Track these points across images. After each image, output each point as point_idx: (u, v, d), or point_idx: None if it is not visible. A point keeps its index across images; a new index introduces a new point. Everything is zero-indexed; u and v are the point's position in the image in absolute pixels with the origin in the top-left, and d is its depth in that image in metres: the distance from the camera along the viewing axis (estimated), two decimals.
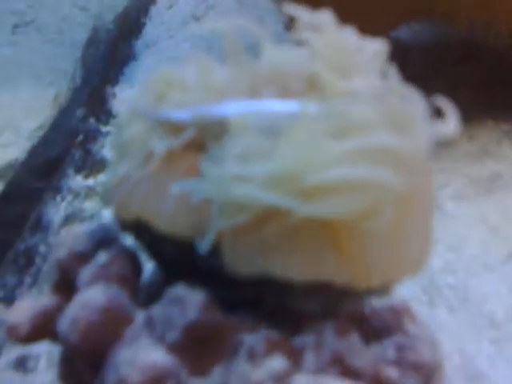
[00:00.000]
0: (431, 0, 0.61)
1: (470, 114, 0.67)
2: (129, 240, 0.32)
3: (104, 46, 0.91)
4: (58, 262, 0.32)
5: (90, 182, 0.61)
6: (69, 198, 0.58)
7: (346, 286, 0.28)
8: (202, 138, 0.28)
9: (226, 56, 0.29)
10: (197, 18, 1.02)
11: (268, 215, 0.26)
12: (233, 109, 0.27)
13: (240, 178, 0.24)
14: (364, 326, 0.31)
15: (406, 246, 0.27)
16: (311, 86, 0.28)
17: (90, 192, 0.60)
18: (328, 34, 0.27)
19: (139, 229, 0.30)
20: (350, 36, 0.28)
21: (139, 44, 0.97)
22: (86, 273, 0.30)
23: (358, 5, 0.60)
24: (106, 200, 0.31)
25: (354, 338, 0.29)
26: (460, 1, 0.60)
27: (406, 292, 0.33)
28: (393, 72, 0.27)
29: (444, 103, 0.26)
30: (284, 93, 0.29)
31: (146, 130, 0.29)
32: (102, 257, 0.31)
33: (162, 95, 0.29)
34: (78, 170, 0.63)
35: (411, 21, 0.69)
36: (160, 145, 0.28)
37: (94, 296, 0.28)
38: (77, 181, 0.61)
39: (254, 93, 0.29)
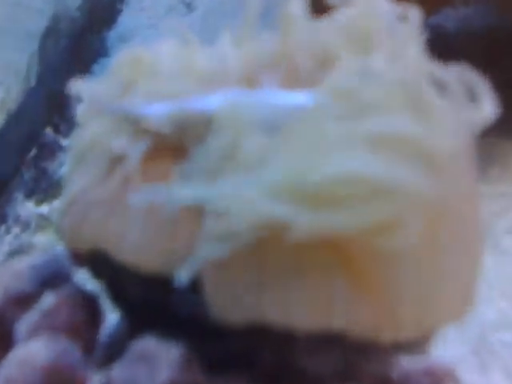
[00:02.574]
0: None
1: None
2: (84, 277, 0.31)
3: (67, 38, 0.92)
4: None
5: (44, 209, 0.61)
6: (16, 229, 0.58)
7: (365, 338, 0.27)
8: (181, 141, 0.28)
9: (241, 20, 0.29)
10: (187, 4, 1.03)
11: (264, 240, 0.25)
12: (221, 101, 0.27)
13: (228, 187, 0.24)
14: None
15: (442, 280, 0.27)
16: (324, 64, 0.28)
17: (42, 222, 0.59)
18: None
19: (97, 261, 0.30)
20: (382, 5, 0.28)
21: (112, 36, 0.98)
22: (26, 321, 0.30)
23: None
24: (58, 225, 0.31)
25: None
26: None
27: (450, 353, 0.33)
28: (422, 52, 0.27)
29: (476, 82, 0.26)
30: (290, 76, 0.28)
31: (108, 131, 0.29)
32: (48, 300, 0.30)
33: (130, 83, 0.29)
34: (28, 194, 0.63)
35: (456, 4, 0.70)
36: (129, 149, 0.28)
37: (35, 351, 0.28)
38: (27, 207, 0.61)
39: (250, 80, 0.29)
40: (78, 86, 0.30)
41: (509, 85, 0.72)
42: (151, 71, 0.29)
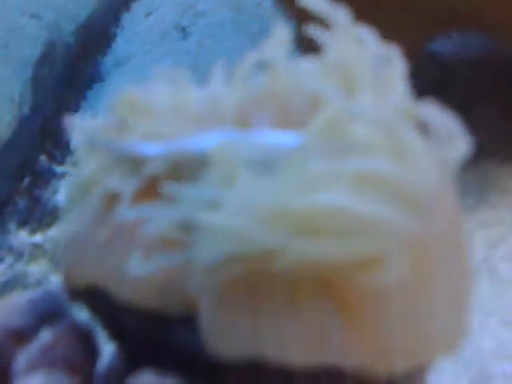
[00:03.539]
0: (478, 6, 0.62)
1: None
2: (81, 313, 0.32)
3: (61, 64, 0.93)
4: None
5: (38, 238, 0.62)
6: (9, 259, 0.59)
7: (360, 373, 0.28)
8: (176, 180, 0.29)
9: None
10: (182, 29, 1.05)
11: (257, 274, 0.26)
12: (214, 141, 0.28)
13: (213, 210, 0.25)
14: None
15: (433, 312, 0.28)
16: (313, 105, 0.29)
17: (36, 251, 0.60)
18: (341, 38, 0.28)
19: (94, 298, 0.30)
20: (368, 41, 0.29)
21: (107, 61, 0.99)
22: (23, 357, 0.31)
23: (385, 11, 0.62)
24: (56, 261, 0.32)
25: None
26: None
27: None
28: (406, 92, 0.29)
29: (450, 120, 0.28)
30: (282, 117, 0.30)
31: (105, 169, 0.30)
32: (46, 336, 0.31)
33: (125, 123, 0.30)
34: (22, 223, 0.64)
35: (452, 31, 0.71)
36: (124, 185, 0.29)
37: None
38: (20, 237, 0.62)
39: (242, 121, 0.30)
40: (74, 123, 0.31)
41: (506, 112, 0.73)
42: (145, 111, 0.30)
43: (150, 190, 0.29)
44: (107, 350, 0.32)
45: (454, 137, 0.28)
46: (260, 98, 0.30)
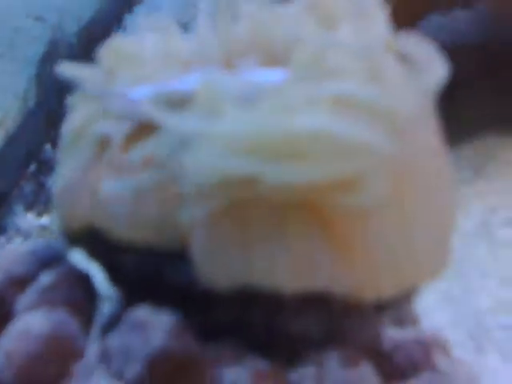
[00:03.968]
0: None
1: None
2: (79, 256, 0.33)
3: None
4: None
5: (44, 220, 0.63)
6: (17, 240, 0.60)
7: (349, 297, 0.29)
8: None
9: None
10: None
11: (245, 202, 0.27)
12: (201, 80, 0.29)
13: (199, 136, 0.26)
14: (382, 361, 0.32)
15: (416, 235, 0.29)
16: (296, 43, 0.30)
17: (43, 232, 0.61)
18: None
19: (91, 240, 0.31)
20: None
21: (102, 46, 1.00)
22: (25, 298, 0.32)
23: None
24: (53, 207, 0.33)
25: (366, 371, 0.30)
26: None
27: (446, 337, 0.34)
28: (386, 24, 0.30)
29: (428, 49, 0.28)
30: (267, 59, 0.31)
31: (96, 114, 0.31)
32: (45, 278, 0.32)
33: (115, 70, 0.31)
34: (28, 207, 0.65)
35: (441, 10, 0.72)
36: (114, 129, 0.30)
37: (34, 322, 0.30)
38: (27, 219, 0.63)
39: (229, 63, 0.31)
40: (70, 70, 0.32)
41: (503, 86, 0.73)
42: (133, 58, 0.31)
43: (139, 134, 0.30)
44: (104, 289, 0.33)
45: (432, 64, 0.29)
46: (245, 42, 0.31)
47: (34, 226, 0.62)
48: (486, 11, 0.80)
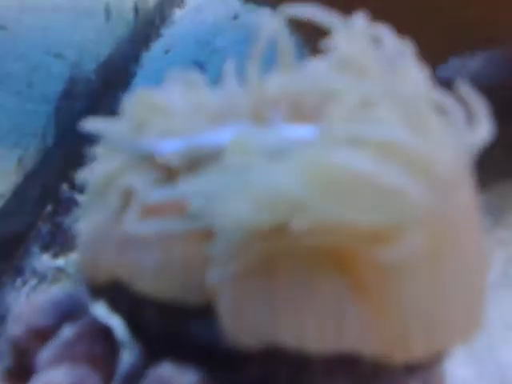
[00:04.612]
0: (493, 25, 0.62)
1: None
2: (102, 310, 0.33)
3: (82, 99, 0.95)
4: (12, 341, 0.33)
5: (60, 262, 0.63)
6: (32, 281, 0.60)
7: (378, 359, 0.28)
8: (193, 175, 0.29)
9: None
10: (198, 65, 1.07)
11: (274, 260, 0.27)
12: (231, 136, 0.28)
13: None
14: None
15: (448, 296, 0.28)
16: (327, 99, 0.29)
17: (58, 274, 0.61)
18: (349, 36, 0.29)
19: (114, 293, 0.31)
20: (383, 37, 0.30)
21: (127, 97, 1.01)
22: (45, 352, 0.31)
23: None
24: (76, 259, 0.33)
25: None
26: None
27: None
28: (423, 78, 0.29)
29: (476, 106, 0.28)
30: (296, 115, 0.30)
31: (123, 167, 0.31)
32: (67, 332, 0.31)
33: (142, 122, 0.31)
34: (44, 248, 0.65)
35: (464, 54, 0.72)
36: (141, 182, 0.29)
37: (56, 379, 0.29)
38: (43, 261, 0.63)
39: (257, 116, 0.30)
40: (94, 125, 0.32)
41: None
42: (162, 110, 0.31)
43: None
44: (127, 343, 0.32)
45: (475, 121, 0.28)
46: (274, 96, 0.31)
47: (50, 268, 0.62)
48: (503, 54, 0.80)
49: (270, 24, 0.31)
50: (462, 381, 0.46)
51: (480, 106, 0.28)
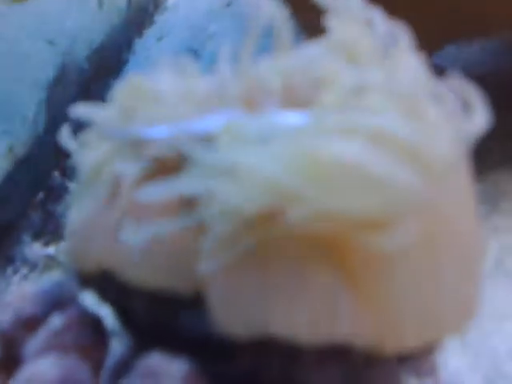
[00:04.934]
0: (489, 14, 0.62)
1: None
2: (91, 299, 0.32)
3: (74, 86, 0.94)
4: (0, 331, 0.32)
5: (51, 250, 0.63)
6: (23, 270, 0.59)
7: (371, 349, 0.28)
8: (182, 162, 0.29)
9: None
10: (192, 52, 1.06)
11: (266, 249, 0.26)
12: (221, 122, 0.28)
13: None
14: None
15: (442, 287, 0.28)
16: (321, 83, 0.29)
17: (50, 262, 0.61)
18: (345, 19, 0.29)
19: (103, 282, 0.31)
20: (375, 21, 0.29)
21: (118, 83, 1.00)
22: (34, 341, 0.31)
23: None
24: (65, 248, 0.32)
25: None
26: None
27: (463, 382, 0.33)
28: (420, 65, 0.29)
29: (471, 95, 0.27)
30: (288, 98, 0.30)
31: (112, 154, 0.30)
32: (56, 321, 0.31)
33: (132, 109, 0.30)
34: (35, 236, 0.65)
35: (458, 42, 0.71)
36: (130, 169, 0.29)
37: (44, 369, 0.29)
38: (34, 249, 0.63)
39: (249, 103, 0.30)
40: (83, 111, 0.32)
41: None
42: (151, 97, 0.31)
43: (156, 173, 0.30)
44: (117, 338, 0.32)
45: (471, 110, 0.28)
46: (266, 81, 0.31)
47: (41, 256, 0.61)
48: (499, 42, 0.80)
49: (267, 7, 0.30)
50: (455, 370, 0.46)
51: (476, 95, 0.28)
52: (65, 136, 0.33)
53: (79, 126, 0.34)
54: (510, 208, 0.65)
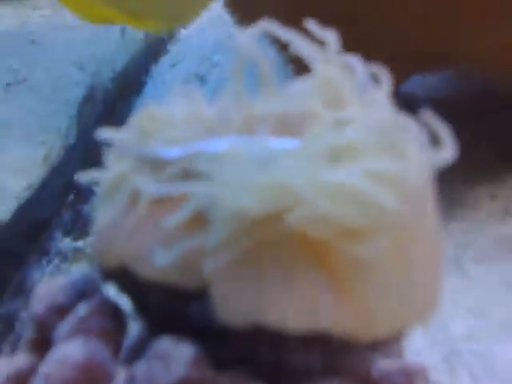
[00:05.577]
0: (447, 49, 0.62)
1: (492, 173, 0.68)
2: (112, 290, 0.32)
3: (101, 104, 0.94)
4: (34, 317, 0.32)
5: (79, 244, 0.62)
6: (56, 261, 0.59)
7: (347, 337, 0.28)
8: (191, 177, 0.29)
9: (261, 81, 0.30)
10: (199, 77, 1.06)
11: (262, 244, 0.26)
12: (225, 145, 0.28)
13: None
14: None
15: (411, 287, 0.28)
16: (307, 119, 0.29)
17: (78, 254, 0.60)
18: (328, 62, 0.28)
19: (123, 277, 0.30)
20: (354, 65, 0.29)
21: (138, 104, 1.00)
22: (63, 327, 0.31)
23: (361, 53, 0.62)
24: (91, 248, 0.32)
25: None
26: (482, 49, 0.61)
27: (424, 360, 0.33)
28: (388, 102, 0.29)
29: (440, 129, 0.27)
30: (281, 129, 0.30)
31: (131, 168, 0.30)
32: (82, 309, 0.31)
33: (149, 132, 0.30)
34: (66, 232, 0.64)
35: (423, 73, 0.71)
36: (147, 184, 0.29)
37: (71, 351, 0.29)
38: (65, 243, 0.62)
39: (247, 129, 0.30)
40: (106, 134, 0.32)
41: (474, 144, 0.73)
42: (166, 121, 0.31)
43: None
44: (134, 325, 0.32)
45: (439, 142, 0.28)
46: (262, 113, 0.31)
47: (71, 249, 0.61)
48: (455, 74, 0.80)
49: (249, 45, 0.30)
50: (416, 351, 0.46)
51: (443, 129, 0.28)
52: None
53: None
54: (461, 214, 0.65)
